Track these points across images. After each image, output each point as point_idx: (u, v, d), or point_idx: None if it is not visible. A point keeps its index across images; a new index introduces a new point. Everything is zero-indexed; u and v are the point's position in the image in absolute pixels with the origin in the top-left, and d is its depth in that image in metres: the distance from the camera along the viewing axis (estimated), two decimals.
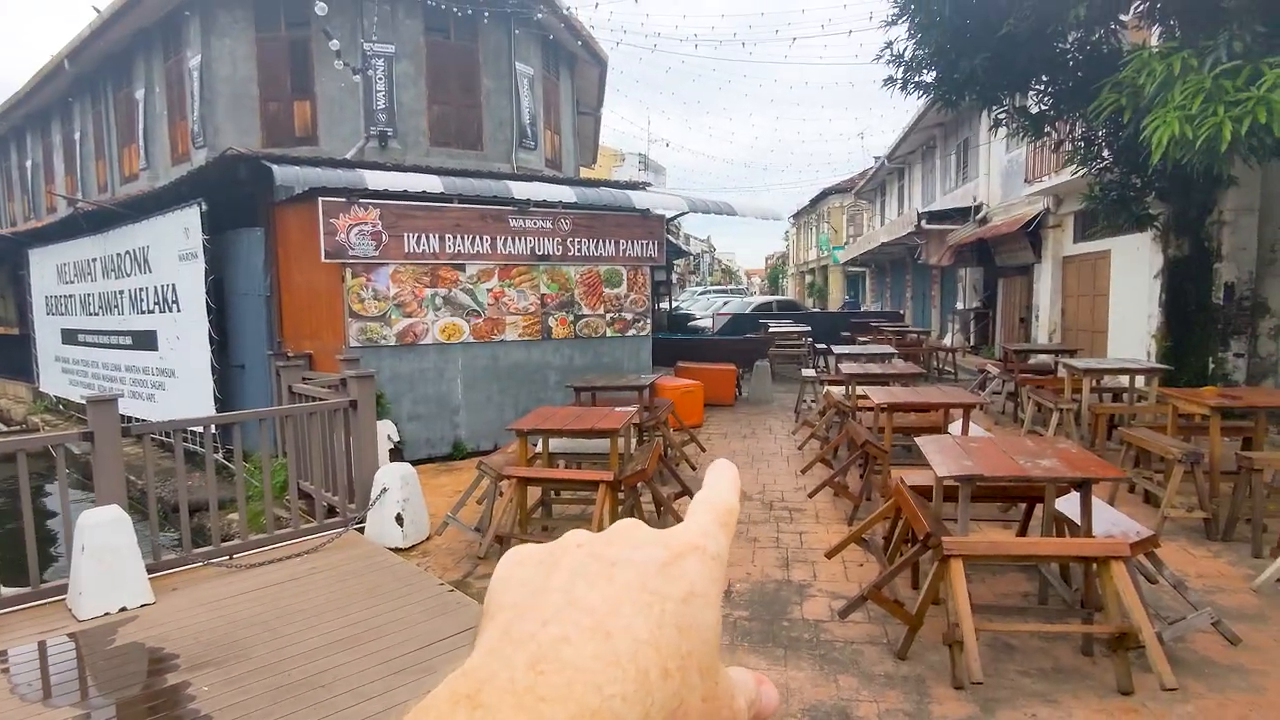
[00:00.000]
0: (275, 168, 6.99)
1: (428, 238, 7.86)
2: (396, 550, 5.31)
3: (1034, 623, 3.97)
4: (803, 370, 11.52)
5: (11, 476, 6.09)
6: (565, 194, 8.72)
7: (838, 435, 7.30)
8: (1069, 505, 4.07)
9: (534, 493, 5.66)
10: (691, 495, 2.81)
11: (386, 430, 7.25)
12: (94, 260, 11.72)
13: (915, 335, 15.84)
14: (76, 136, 18.02)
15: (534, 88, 14.11)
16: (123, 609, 4.18)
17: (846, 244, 35.15)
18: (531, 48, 14.08)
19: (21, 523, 4.29)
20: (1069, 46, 8.17)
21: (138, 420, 8.35)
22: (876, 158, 28.09)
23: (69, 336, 13.25)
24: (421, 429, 8.13)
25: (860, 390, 7.23)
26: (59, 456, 4.34)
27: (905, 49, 8.52)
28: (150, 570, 4.41)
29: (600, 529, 0.38)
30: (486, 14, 12.91)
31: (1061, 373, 8.66)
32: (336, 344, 7.48)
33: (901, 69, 8.67)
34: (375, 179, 7.52)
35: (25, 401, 16.11)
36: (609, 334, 9.28)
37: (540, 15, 13.46)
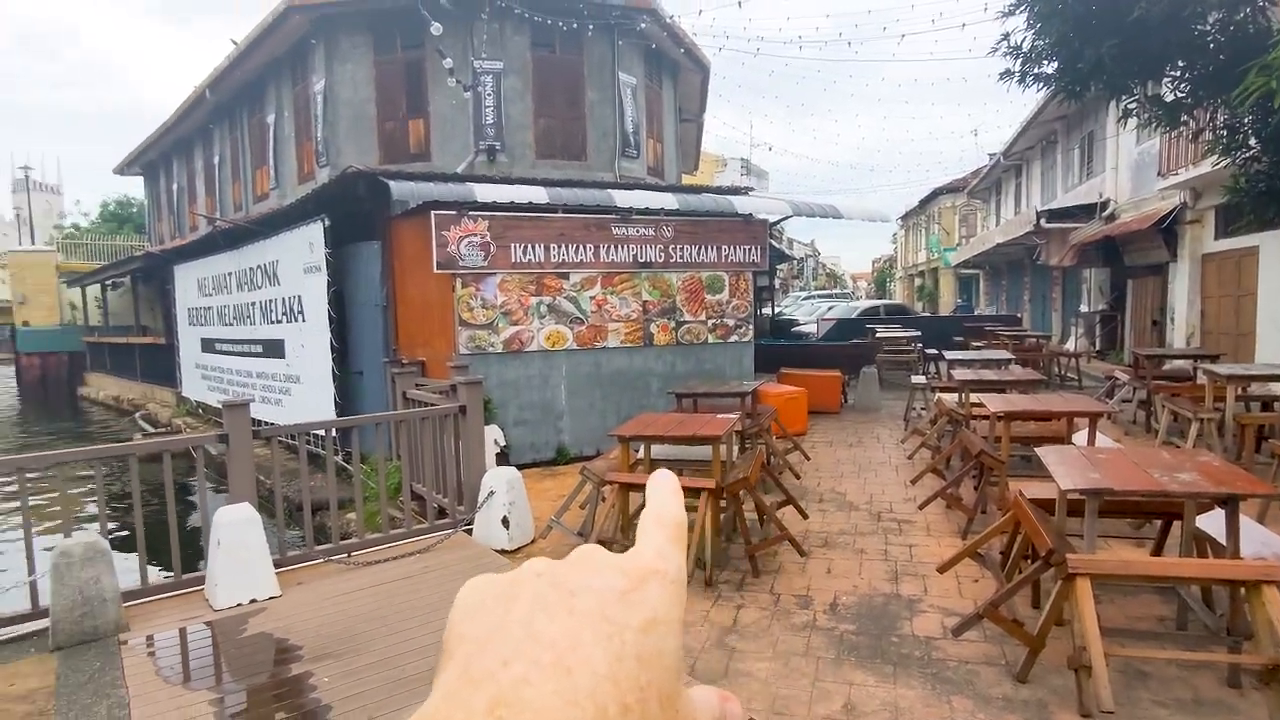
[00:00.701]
0: (391, 184, 7.34)
1: (533, 247, 8.05)
2: (502, 552, 5.43)
3: (1172, 649, 3.63)
4: (912, 377, 11.09)
5: (159, 474, 6.61)
6: (667, 201, 8.75)
7: (950, 445, 6.97)
8: (1211, 524, 3.72)
9: (636, 498, 5.66)
10: (795, 503, 2.73)
11: (493, 435, 7.45)
12: (229, 274, 12.64)
13: (1034, 340, 14.97)
14: (216, 160, 19.51)
15: (637, 97, 14.24)
16: (253, 600, 4.45)
17: (959, 245, 33.70)
18: (634, 58, 14.22)
19: (167, 517, 4.65)
20: (1209, 28, 7.52)
21: (266, 423, 8.92)
22: (991, 155, 26.82)
23: (207, 345, 14.34)
24: (527, 434, 8.31)
25: (975, 398, 6.88)
26: (199, 457, 4.69)
27: (1024, 40, 8.06)
28: (277, 565, 4.68)
29: (702, 537, 0.35)
30: (591, 27, 13.13)
31: (1201, 379, 7.97)
32: (447, 351, 7.75)
33: (1020, 61, 8.21)
34: (484, 192, 7.76)
35: (170, 405, 17.53)
36: (711, 340, 9.22)
37: (643, 25, 13.57)
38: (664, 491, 0.40)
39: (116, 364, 23.42)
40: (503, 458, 7.60)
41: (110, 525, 4.75)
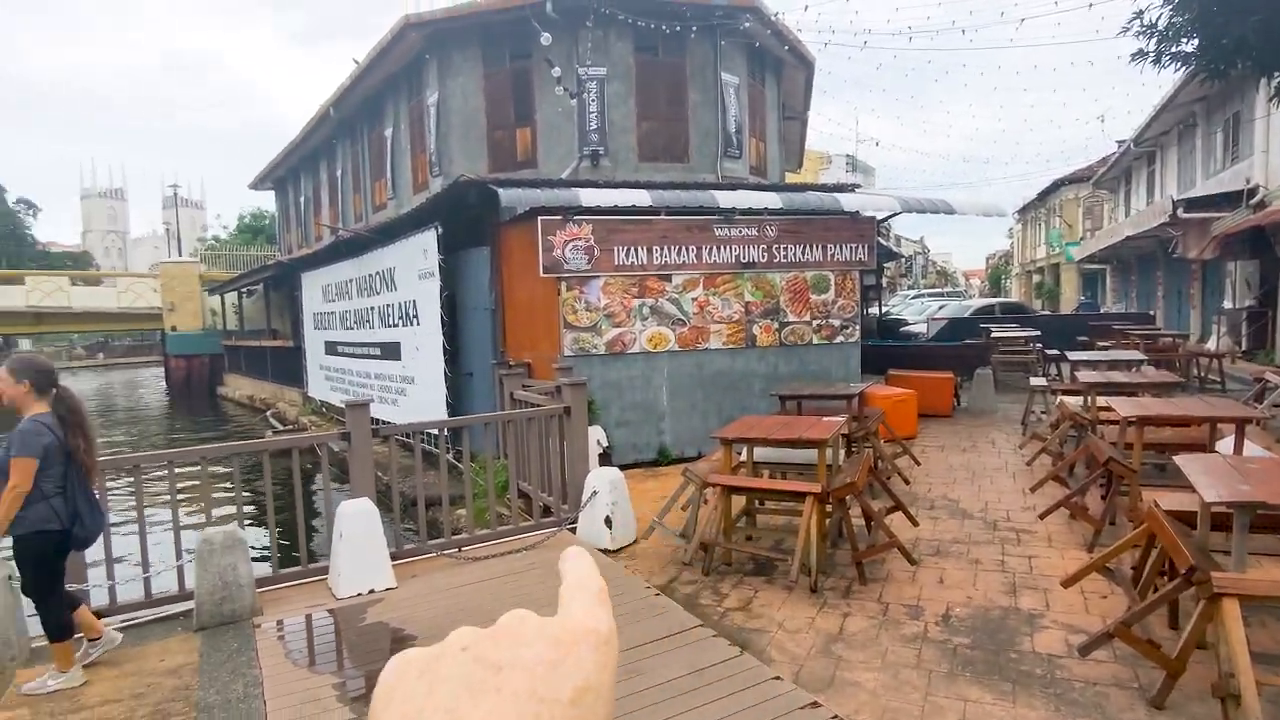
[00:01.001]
0: (500, 191, 7.58)
1: (636, 250, 8.13)
2: (605, 552, 5.49)
3: None
4: (1031, 379, 10.50)
5: (287, 469, 7.05)
6: (771, 200, 8.64)
7: (1074, 451, 6.55)
8: None
9: (738, 501, 5.61)
10: (904, 510, 2.63)
11: (596, 435, 7.56)
12: (351, 281, 13.37)
13: (1170, 339, 13.89)
14: (339, 173, 20.69)
15: (739, 96, 14.14)
16: (371, 591, 4.69)
17: (1082, 239, 31.69)
18: (737, 57, 14.12)
19: (294, 509, 4.96)
20: None
21: (384, 423, 9.38)
22: (1120, 142, 25.07)
23: (330, 348, 15.22)
24: (629, 435, 8.39)
25: (1102, 401, 6.44)
26: (323, 454, 5.00)
27: (1160, 17, 7.53)
28: (393, 558, 4.91)
29: (807, 542, 0.34)
30: (694, 29, 13.12)
31: None
32: (552, 353, 7.93)
33: (1155, 40, 7.67)
34: (588, 196, 7.90)
35: (297, 404, 18.71)
36: (815, 341, 9.04)
37: (746, 24, 13.45)
38: (583, 565, 0.39)
39: (250, 365, 25.21)
40: (605, 458, 7.70)
41: (243, 517, 5.10)
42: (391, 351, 11.53)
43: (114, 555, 4.37)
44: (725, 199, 8.51)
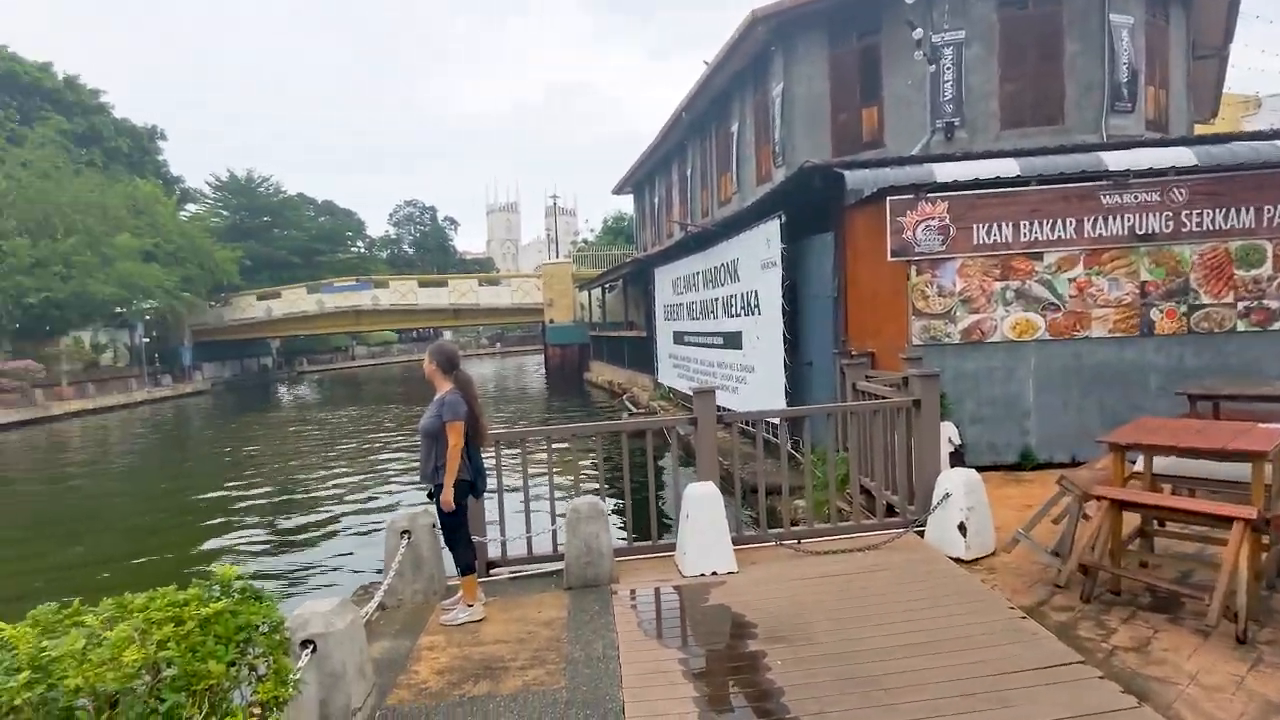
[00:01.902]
0: (846, 173, 7.28)
1: (999, 227, 7.24)
2: (958, 561, 4.97)
3: None
4: None
5: (641, 449, 7.58)
6: (1181, 157, 7.10)
7: None
8: None
9: (1130, 519, 4.68)
10: None
11: (947, 432, 6.91)
12: (698, 274, 14.02)
13: None
14: (688, 172, 21.90)
15: (1134, 38, 11.98)
16: (714, 573, 4.79)
17: None
18: None
19: (646, 487, 5.27)
20: None
21: (726, 410, 9.62)
22: None
23: (678, 337, 16.16)
24: (984, 433, 7.55)
25: None
26: (673, 438, 5.24)
27: None
28: (734, 543, 4.96)
29: (1234, 578, 0.19)
30: None
31: None
32: (899, 342, 7.43)
33: None
34: (944, 171, 7.24)
35: (648, 390, 20.24)
36: (1241, 328, 7.25)
37: None
38: None
39: (610, 354, 27.96)
40: (956, 457, 7.00)
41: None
42: (733, 341, 11.84)
43: (504, 517, 5.05)
44: (1116, 160, 7.18)
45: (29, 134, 36.11)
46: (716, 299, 12.68)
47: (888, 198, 7.25)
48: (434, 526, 4.58)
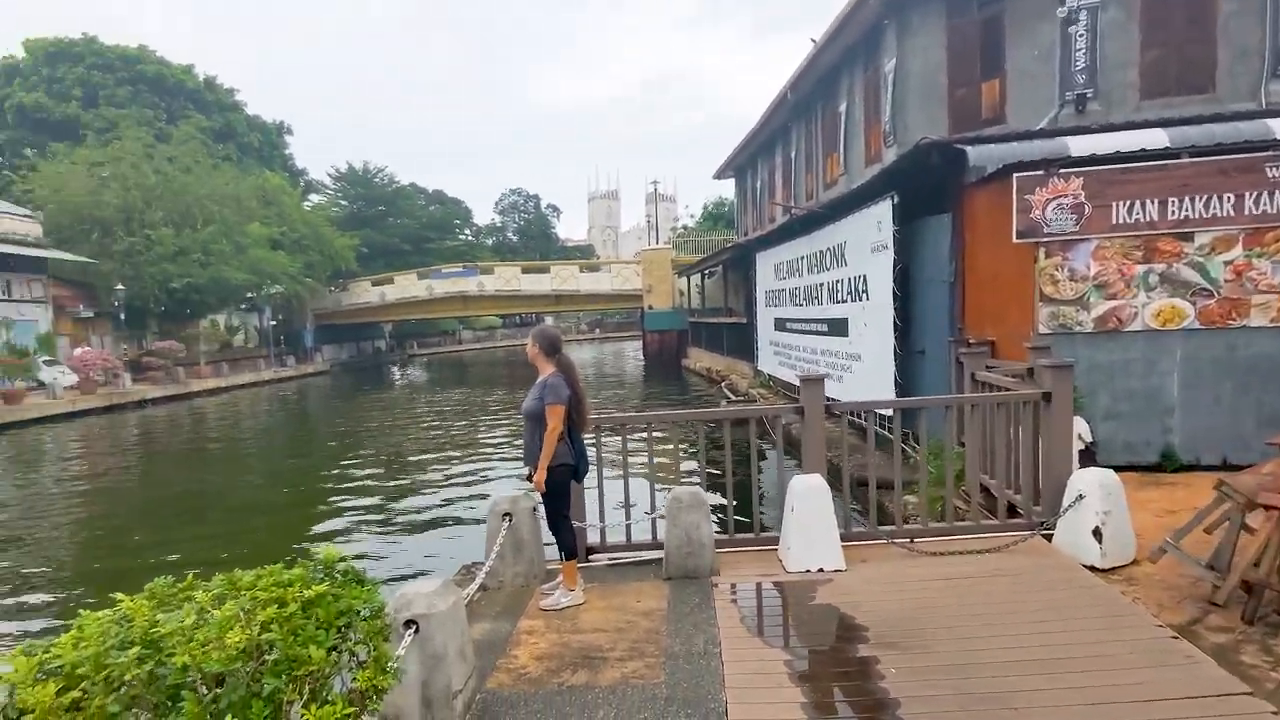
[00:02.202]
0: (969, 149, 6.80)
1: (1142, 205, 6.59)
2: (1093, 569, 4.55)
3: None
4: None
5: (744, 438, 7.37)
6: None
7: None
8: None
9: None
10: None
11: (1078, 428, 6.37)
12: (802, 258, 13.59)
13: None
14: (792, 154, 21.31)
15: None
16: (820, 570, 4.56)
17: None
18: None
19: (749, 478, 5.08)
20: None
21: (833, 400, 9.27)
22: None
23: (779, 324, 15.75)
24: (1119, 430, 6.94)
25: None
26: (776, 427, 5.01)
27: None
28: (842, 539, 4.70)
29: None
30: None
31: None
32: (1023, 330, 6.90)
33: None
34: (1079, 144, 6.64)
35: (747, 376, 19.90)
36: None
37: None
38: None
39: (709, 340, 27.70)
40: (1087, 456, 6.45)
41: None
42: (838, 328, 11.41)
43: (603, 503, 4.98)
44: None
45: (173, 132, 38.98)
46: (821, 284, 12.25)
47: (1014, 174, 6.71)
48: (534, 510, 4.56)
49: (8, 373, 24.80)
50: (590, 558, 4.97)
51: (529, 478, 4.29)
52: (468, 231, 74.08)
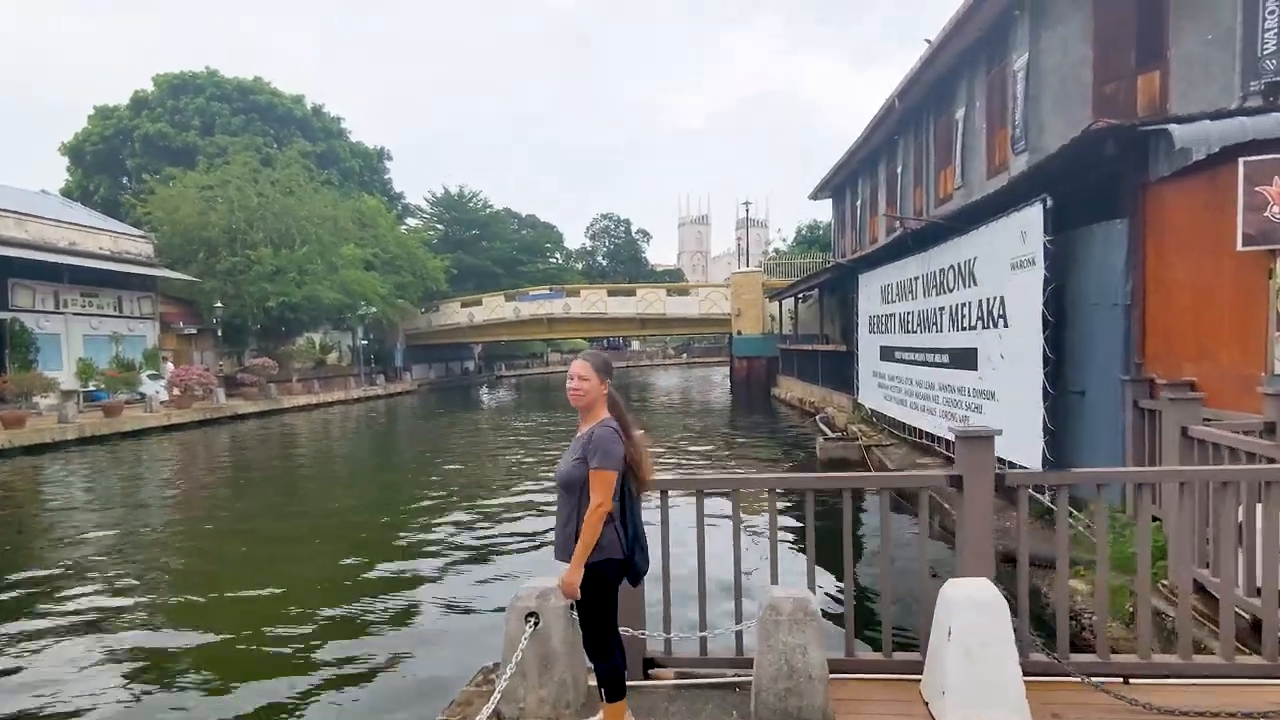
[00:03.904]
0: (1174, 128, 5.14)
1: None
2: None
3: None
4: None
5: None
6: None
7: None
8: None
9: None
10: None
11: None
12: (915, 279, 11.90)
13: None
14: (898, 169, 19.54)
15: None
16: None
17: None
18: None
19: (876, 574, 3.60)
20: None
21: (1013, 465, 7.42)
22: None
23: (886, 353, 14.00)
24: None
25: None
26: (923, 498, 3.52)
27: None
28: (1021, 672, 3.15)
29: None
30: None
31: None
32: (1247, 369, 5.14)
33: None
34: None
35: (845, 410, 18.07)
36: None
37: None
38: None
39: (802, 369, 25.87)
40: None
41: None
42: (964, 360, 9.68)
43: (669, 597, 3.58)
44: None
45: (278, 156, 40.30)
46: (941, 308, 10.54)
47: (1241, 159, 4.99)
48: (571, 609, 3.22)
49: (111, 385, 25.49)
50: (650, 674, 3.58)
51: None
52: (558, 255, 74.43)
